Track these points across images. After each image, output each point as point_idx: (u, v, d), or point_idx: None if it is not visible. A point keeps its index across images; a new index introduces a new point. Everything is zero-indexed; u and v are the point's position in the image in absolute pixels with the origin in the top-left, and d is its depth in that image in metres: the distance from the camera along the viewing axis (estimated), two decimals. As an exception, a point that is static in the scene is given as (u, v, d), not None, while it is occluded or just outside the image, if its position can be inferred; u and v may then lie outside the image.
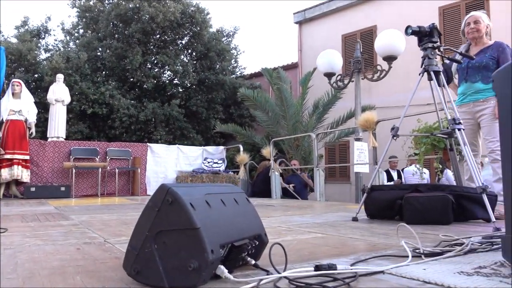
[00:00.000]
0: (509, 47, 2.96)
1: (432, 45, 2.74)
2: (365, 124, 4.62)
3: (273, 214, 3.52)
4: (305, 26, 15.54)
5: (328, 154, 13.54)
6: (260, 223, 1.42)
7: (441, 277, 1.15)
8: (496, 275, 1.15)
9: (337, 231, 2.29)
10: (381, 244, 1.80)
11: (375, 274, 1.24)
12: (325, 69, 6.33)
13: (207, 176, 7.76)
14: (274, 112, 9.97)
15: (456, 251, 1.43)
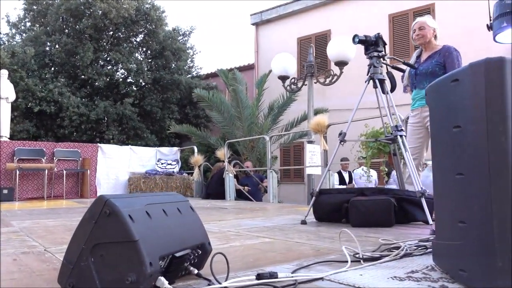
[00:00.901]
0: (456, 51, 3.06)
1: (377, 54, 2.85)
2: (317, 128, 4.73)
3: (225, 218, 3.52)
4: (262, 27, 15.64)
5: (283, 155, 13.72)
6: (203, 232, 1.42)
7: (375, 283, 1.20)
8: (426, 280, 1.22)
9: (285, 235, 2.33)
10: (325, 249, 1.85)
11: (315, 281, 1.27)
12: (279, 72, 6.41)
13: (161, 178, 7.62)
14: (230, 113, 9.97)
15: (392, 256, 1.50)
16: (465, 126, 1.10)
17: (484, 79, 1.05)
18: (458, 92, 1.13)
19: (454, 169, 1.14)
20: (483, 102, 1.05)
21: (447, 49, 3.05)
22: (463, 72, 1.12)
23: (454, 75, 1.15)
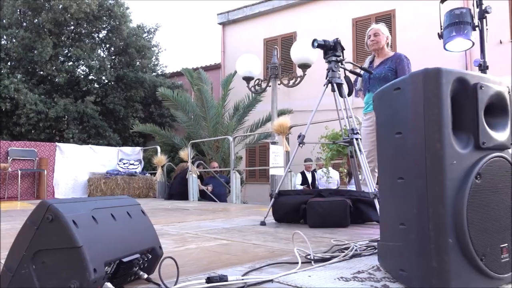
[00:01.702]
0: (407, 59, 3.22)
1: (335, 58, 2.92)
2: (279, 129, 4.78)
3: (185, 219, 3.49)
4: (229, 27, 15.61)
5: (248, 155, 13.75)
6: (154, 236, 1.41)
7: (322, 284, 1.23)
8: (370, 280, 1.27)
9: (242, 237, 2.35)
10: (279, 250, 1.88)
11: (264, 283, 1.29)
12: (244, 73, 6.42)
13: (122, 178, 7.46)
14: (195, 113, 9.89)
15: (341, 257, 1.55)
16: (406, 133, 1.15)
17: (423, 89, 1.10)
18: (400, 100, 1.18)
19: (396, 174, 1.19)
20: (421, 110, 1.10)
21: (398, 56, 3.20)
22: (404, 81, 1.17)
23: (397, 84, 1.20)
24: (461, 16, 2.67)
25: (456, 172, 1.07)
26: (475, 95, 1.11)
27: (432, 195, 1.06)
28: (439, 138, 1.06)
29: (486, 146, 1.11)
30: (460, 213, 1.04)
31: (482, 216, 1.08)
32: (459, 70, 1.12)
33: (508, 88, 1.24)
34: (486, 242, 1.08)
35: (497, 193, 1.13)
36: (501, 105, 1.19)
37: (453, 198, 1.05)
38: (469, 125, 1.12)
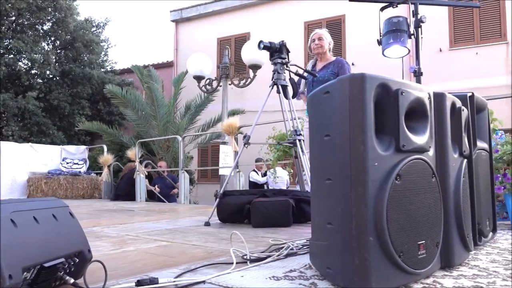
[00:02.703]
0: (347, 64, 3.35)
1: (281, 60, 2.97)
2: (228, 129, 4.78)
3: (128, 220, 3.40)
4: (182, 25, 15.40)
5: (201, 155, 13.64)
6: (83, 239, 1.36)
7: (253, 284, 1.25)
8: (300, 278, 1.30)
9: (184, 238, 2.32)
10: (218, 251, 1.88)
11: (196, 284, 1.29)
12: (195, 72, 6.35)
13: (65, 178, 7.13)
14: (145, 112, 9.66)
15: (274, 257, 1.57)
16: (333, 135, 1.19)
17: (348, 93, 1.14)
18: (329, 103, 1.22)
19: (324, 175, 1.23)
20: (347, 114, 1.14)
21: (340, 61, 3.33)
22: (333, 86, 1.21)
23: (326, 88, 1.24)
24: (398, 24, 2.80)
25: (378, 173, 1.12)
26: (396, 100, 1.17)
27: (355, 195, 1.11)
28: (363, 140, 1.11)
29: (406, 149, 1.17)
30: (381, 212, 1.10)
31: (401, 215, 1.14)
32: (382, 76, 1.17)
33: (429, 94, 1.32)
34: (404, 239, 1.14)
35: (415, 193, 1.19)
36: (421, 110, 1.27)
37: (375, 198, 1.10)
38: (391, 129, 1.18)
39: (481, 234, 1.80)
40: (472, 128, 1.79)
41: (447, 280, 1.23)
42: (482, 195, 1.85)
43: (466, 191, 1.51)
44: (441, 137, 1.39)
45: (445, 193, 1.36)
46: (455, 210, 1.38)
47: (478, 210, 1.77)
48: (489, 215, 1.94)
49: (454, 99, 1.49)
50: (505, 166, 2.48)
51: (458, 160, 1.47)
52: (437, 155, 1.36)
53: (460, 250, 1.41)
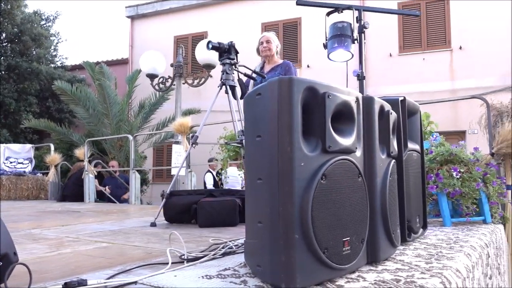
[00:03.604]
0: (294, 67, 3.44)
1: (229, 61, 2.99)
2: (180, 129, 4.74)
3: (72, 222, 3.29)
4: (138, 22, 15.07)
5: (156, 155, 13.40)
6: (8, 242, 1.30)
7: (184, 283, 1.25)
8: (233, 276, 1.32)
9: (126, 239, 2.28)
10: (157, 251, 1.87)
11: (127, 285, 1.27)
12: (148, 70, 6.25)
13: (8, 178, 6.77)
14: (96, 110, 9.36)
15: (210, 255, 1.59)
16: (264, 136, 1.22)
17: (277, 96, 1.18)
18: (260, 105, 1.25)
19: (256, 175, 1.26)
20: (275, 115, 1.17)
21: (287, 64, 3.41)
22: (264, 88, 1.24)
23: (258, 90, 1.27)
24: (343, 29, 2.90)
25: (304, 173, 1.16)
26: (323, 103, 1.22)
27: (282, 194, 1.14)
28: (290, 141, 1.15)
29: (332, 150, 1.22)
30: (306, 211, 1.14)
31: (326, 213, 1.19)
32: (310, 80, 1.22)
33: (357, 98, 1.38)
34: (329, 236, 1.19)
35: (341, 192, 1.25)
36: (348, 113, 1.33)
37: (301, 197, 1.14)
38: (318, 130, 1.22)
39: (410, 230, 1.91)
40: (403, 131, 1.89)
41: (370, 275, 1.30)
42: (413, 194, 1.95)
43: (394, 190, 1.59)
44: (369, 139, 1.46)
45: (372, 192, 1.43)
46: (382, 208, 1.46)
47: (408, 207, 1.87)
48: (420, 212, 2.06)
49: (382, 103, 1.57)
50: (439, 166, 2.63)
51: (386, 160, 1.55)
52: (365, 156, 1.43)
53: (386, 246, 1.48)
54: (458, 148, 2.69)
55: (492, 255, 2.17)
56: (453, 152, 2.62)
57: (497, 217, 2.70)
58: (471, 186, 2.55)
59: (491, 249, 2.14)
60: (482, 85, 9.70)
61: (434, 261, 1.49)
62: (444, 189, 2.53)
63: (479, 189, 2.56)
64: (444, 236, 2.13)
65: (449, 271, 1.34)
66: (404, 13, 3.18)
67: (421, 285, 1.16)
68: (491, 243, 2.18)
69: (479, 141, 3.45)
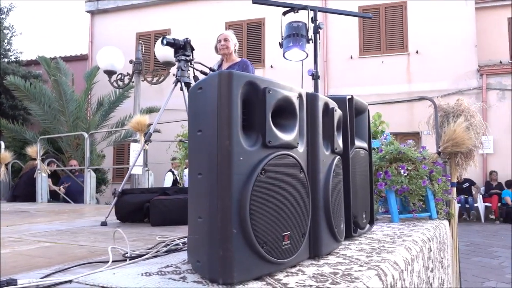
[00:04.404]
0: (251, 65, 3.45)
1: (185, 58, 2.95)
2: (137, 127, 4.64)
3: (18, 222, 3.14)
4: (98, 17, 14.66)
5: (116, 153, 13.08)
6: None
7: (121, 280, 1.22)
8: (173, 273, 1.30)
9: (72, 238, 2.21)
10: (101, 250, 1.81)
11: (61, 284, 1.23)
12: (106, 66, 6.08)
13: (-47, 178, 6.39)
14: (52, 107, 9.00)
15: (152, 253, 1.56)
16: (204, 131, 1.21)
17: (217, 90, 1.17)
18: (201, 99, 1.24)
19: (197, 169, 1.24)
20: (215, 109, 1.17)
21: (244, 62, 3.41)
22: (205, 82, 1.23)
23: (200, 84, 1.26)
24: (298, 29, 2.93)
25: (243, 168, 1.16)
26: (263, 98, 1.22)
27: (221, 188, 1.14)
28: (229, 135, 1.14)
29: (272, 145, 1.23)
30: (244, 205, 1.14)
31: (266, 208, 1.19)
32: (250, 74, 1.22)
33: (299, 94, 1.40)
34: (268, 231, 1.19)
35: (281, 187, 1.26)
36: (290, 109, 1.34)
37: (239, 191, 1.14)
38: (258, 125, 1.23)
39: (357, 226, 1.96)
40: (350, 128, 1.93)
41: (311, 268, 1.32)
42: (359, 190, 2.00)
43: (338, 186, 1.62)
44: (313, 135, 1.48)
45: (314, 187, 1.45)
46: (324, 203, 1.48)
47: (354, 203, 1.91)
48: (367, 208, 2.11)
49: (327, 100, 1.60)
50: (388, 164, 2.71)
51: (330, 157, 1.57)
52: (308, 152, 1.45)
53: (328, 241, 1.51)
54: (407, 147, 2.78)
55: (435, 249, 2.26)
56: (401, 150, 2.71)
57: (442, 213, 2.82)
58: (418, 183, 2.64)
59: (434, 244, 2.23)
60: (436, 88, 10.12)
61: (375, 254, 1.53)
62: (392, 186, 2.61)
63: (425, 186, 2.66)
64: (390, 231, 2.20)
65: (386, 264, 1.38)
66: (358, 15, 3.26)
67: (356, 277, 1.19)
68: (434, 237, 2.27)
69: (433, 142, 3.58)
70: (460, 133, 2.89)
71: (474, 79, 10.67)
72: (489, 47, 11.24)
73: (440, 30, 10.65)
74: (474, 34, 10.68)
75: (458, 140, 2.89)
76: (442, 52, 10.60)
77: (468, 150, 2.98)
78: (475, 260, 5.95)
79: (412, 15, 10.88)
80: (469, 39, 10.60)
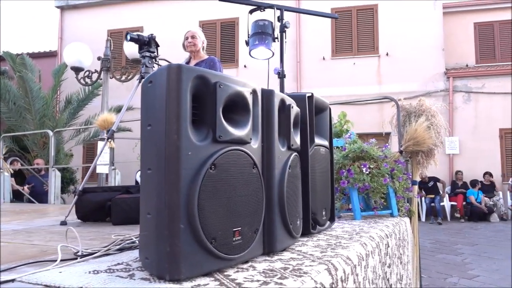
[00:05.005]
0: (219, 62, 3.44)
1: (149, 54, 2.91)
2: (103, 125, 4.50)
3: (-27, 222, 3.02)
4: (68, 13, 14.31)
5: (86, 152, 12.78)
6: None
7: (67, 279, 1.19)
8: (122, 271, 1.27)
9: (27, 238, 2.14)
10: (53, 249, 1.76)
11: (5, 283, 1.18)
12: (73, 63, 5.94)
13: None
14: (17, 104, 8.71)
15: (103, 251, 1.52)
16: (154, 125, 1.19)
17: (166, 84, 1.15)
18: (151, 93, 1.22)
19: (146, 165, 1.22)
20: (164, 103, 1.15)
21: (212, 59, 3.39)
22: (154, 76, 1.21)
23: (150, 77, 1.24)
24: (264, 27, 2.94)
25: (192, 163, 1.15)
26: (214, 93, 1.22)
27: (169, 183, 1.12)
28: (177, 130, 1.13)
29: (222, 140, 1.22)
30: (192, 200, 1.12)
31: (215, 203, 1.18)
32: (201, 68, 1.21)
33: (254, 90, 1.39)
34: (217, 226, 1.18)
35: (233, 183, 1.25)
36: (243, 104, 1.34)
37: (187, 186, 1.13)
38: (209, 120, 1.22)
39: (316, 222, 1.97)
40: (309, 126, 1.94)
41: (263, 264, 1.32)
42: (319, 187, 2.02)
43: (294, 182, 1.63)
44: (268, 131, 1.48)
45: (269, 183, 1.45)
46: (279, 200, 1.48)
47: (314, 200, 1.92)
48: (327, 205, 2.13)
49: (284, 97, 1.60)
50: (351, 162, 2.75)
51: (286, 153, 1.58)
52: (263, 148, 1.45)
53: (283, 237, 1.51)
54: (369, 145, 2.83)
55: (393, 245, 2.31)
56: (364, 149, 2.76)
57: (403, 211, 2.88)
58: (379, 181, 2.69)
59: (392, 240, 2.28)
60: (406, 90, 10.37)
61: (329, 250, 1.55)
62: (354, 184, 2.65)
63: (386, 184, 2.71)
64: (350, 228, 2.23)
65: (339, 259, 1.40)
66: (324, 15, 3.29)
67: (305, 272, 1.20)
68: (393, 234, 2.32)
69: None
70: (421, 132, 2.96)
71: (442, 81, 10.99)
72: (456, 51, 11.60)
73: (410, 33, 10.92)
74: (442, 38, 11.01)
75: (419, 139, 2.96)
76: (411, 54, 10.87)
77: (428, 149, 3.06)
78: (440, 257, 6.12)
79: (383, 18, 11.11)
80: (437, 43, 10.92)
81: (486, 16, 12.01)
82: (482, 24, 11.99)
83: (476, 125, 10.81)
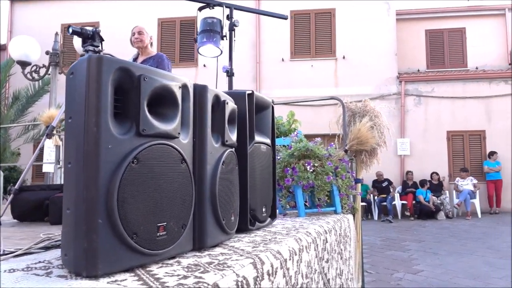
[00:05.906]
0: (167, 59, 3.41)
1: (93, 48, 2.83)
2: (49, 121, 4.36)
3: None
4: (19, 5, 13.65)
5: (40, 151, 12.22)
6: None
7: (-23, 278, 1.13)
8: (41, 268, 1.23)
9: (-49, 239, 2.01)
10: (-24, 249, 1.67)
11: None
12: (19, 57, 5.67)
13: None
14: (-41, 99, 8.22)
15: (24, 249, 1.47)
16: (74, 118, 1.16)
17: (86, 75, 1.12)
18: (72, 84, 1.18)
19: (67, 159, 1.18)
20: (83, 95, 1.12)
21: (160, 56, 3.37)
22: (75, 67, 1.18)
23: (72, 69, 1.20)
24: (212, 25, 2.94)
25: (113, 156, 1.12)
26: (138, 86, 1.20)
27: (87, 177, 1.09)
28: (96, 122, 1.10)
29: (146, 133, 1.20)
30: (112, 194, 1.10)
31: (137, 197, 1.16)
32: (125, 60, 1.19)
33: (184, 84, 1.38)
34: (139, 221, 1.16)
35: (158, 177, 1.23)
36: (171, 98, 1.32)
37: (107, 180, 1.10)
38: (133, 113, 1.19)
39: (255, 219, 1.99)
40: (249, 123, 1.96)
41: (190, 259, 1.31)
42: (259, 184, 2.03)
43: (228, 178, 1.63)
44: (201, 126, 1.48)
45: (201, 178, 1.45)
46: (211, 195, 1.48)
47: (253, 197, 1.94)
48: (267, 202, 2.15)
49: (218, 92, 1.60)
50: (296, 161, 2.80)
51: (220, 149, 1.58)
52: (195, 143, 1.44)
53: (215, 233, 1.51)
54: (315, 144, 2.89)
55: (333, 241, 2.37)
56: (309, 148, 2.81)
57: (347, 208, 2.97)
58: (323, 179, 2.75)
59: (332, 236, 2.33)
60: (361, 93, 10.68)
61: (262, 245, 1.56)
62: (299, 182, 2.69)
63: (330, 182, 2.78)
64: (291, 225, 2.27)
65: (267, 253, 1.41)
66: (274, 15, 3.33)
67: (229, 266, 1.20)
68: (333, 230, 2.38)
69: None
70: (364, 132, 3.06)
71: (394, 85, 11.42)
72: (408, 56, 12.09)
73: (365, 38, 11.26)
74: (395, 43, 11.43)
75: (363, 138, 3.06)
76: (366, 58, 11.22)
77: (372, 148, 3.16)
78: (388, 253, 6.35)
79: (340, 22, 11.39)
80: (390, 48, 11.33)
81: (437, 24, 12.61)
82: (433, 32, 12.57)
83: (426, 128, 11.31)
